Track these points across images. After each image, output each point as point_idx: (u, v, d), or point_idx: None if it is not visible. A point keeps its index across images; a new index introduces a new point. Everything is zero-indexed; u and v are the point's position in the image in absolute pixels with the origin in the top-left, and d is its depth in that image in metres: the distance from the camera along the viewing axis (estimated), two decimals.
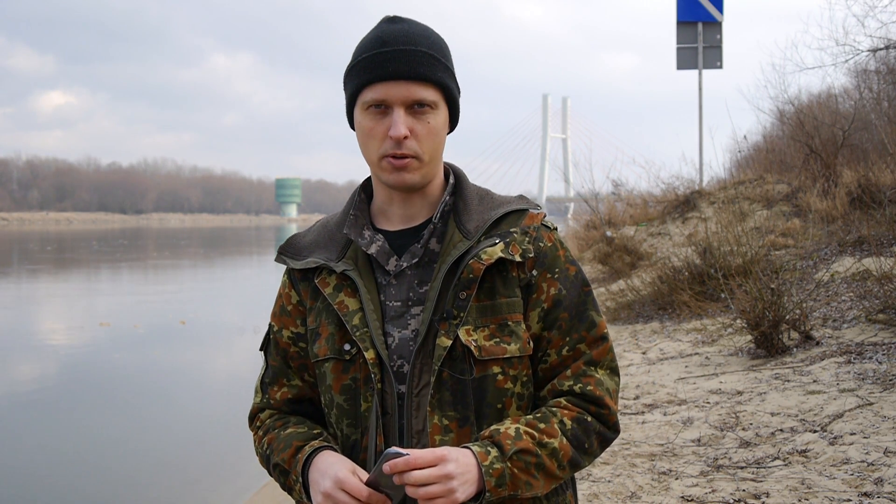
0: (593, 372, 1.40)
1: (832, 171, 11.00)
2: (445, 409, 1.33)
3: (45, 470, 6.06)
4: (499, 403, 1.35)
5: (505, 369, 1.35)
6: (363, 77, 1.36)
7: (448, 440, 1.33)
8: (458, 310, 1.34)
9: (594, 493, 3.71)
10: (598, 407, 1.38)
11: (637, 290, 9.24)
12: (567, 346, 1.40)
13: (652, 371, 6.21)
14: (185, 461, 6.46)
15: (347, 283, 1.40)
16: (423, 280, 1.39)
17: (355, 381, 1.37)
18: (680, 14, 14.60)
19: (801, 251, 8.87)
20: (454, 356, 1.33)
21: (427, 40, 1.38)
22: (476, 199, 1.45)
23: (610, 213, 15.27)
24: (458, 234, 1.39)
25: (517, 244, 1.39)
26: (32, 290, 19.77)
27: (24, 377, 9.52)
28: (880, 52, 11.73)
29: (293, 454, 1.37)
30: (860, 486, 3.36)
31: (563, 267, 1.42)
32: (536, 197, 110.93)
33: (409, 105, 1.35)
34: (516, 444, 1.29)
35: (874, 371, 4.88)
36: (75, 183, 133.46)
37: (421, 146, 1.36)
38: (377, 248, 1.41)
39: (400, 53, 1.34)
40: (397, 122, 1.33)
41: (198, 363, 10.65)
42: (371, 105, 1.36)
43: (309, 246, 1.47)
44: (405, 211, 1.44)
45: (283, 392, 1.48)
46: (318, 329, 1.42)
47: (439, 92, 1.38)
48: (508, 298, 1.37)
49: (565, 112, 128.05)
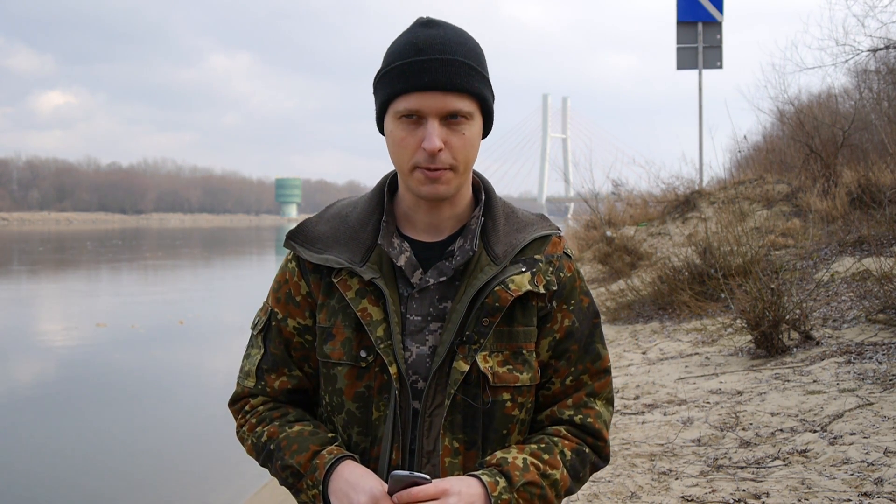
0: (593, 403, 1.42)
1: (832, 171, 11.00)
2: (456, 431, 1.34)
3: (45, 469, 6.07)
4: (504, 430, 1.36)
5: (514, 397, 1.36)
6: (397, 86, 1.29)
7: (456, 462, 1.33)
8: (479, 336, 1.33)
9: (594, 493, 3.71)
10: (595, 439, 1.41)
11: (637, 290, 9.24)
12: (571, 377, 1.42)
13: (652, 371, 6.21)
14: (186, 460, 6.45)
15: (371, 290, 1.35)
16: (444, 296, 1.37)
17: (369, 389, 1.35)
18: (680, 14, 14.61)
19: (801, 251, 8.87)
20: (469, 381, 1.33)
21: (463, 48, 1.31)
22: (503, 218, 1.42)
23: (610, 213, 15.27)
24: (485, 256, 1.37)
25: (542, 274, 1.38)
26: (22, 290, 19.74)
27: (22, 377, 9.52)
28: (880, 52, 11.73)
29: (310, 458, 1.33)
30: (860, 486, 3.36)
31: (579, 298, 1.44)
32: (536, 197, 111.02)
33: (444, 116, 1.29)
34: (524, 476, 1.30)
35: (874, 371, 4.88)
36: (75, 183, 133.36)
37: (456, 157, 1.31)
38: (405, 260, 1.37)
39: (436, 63, 1.27)
40: (432, 134, 1.28)
41: (197, 362, 10.65)
42: (404, 115, 1.30)
43: (324, 238, 1.41)
44: (431, 220, 1.40)
45: (283, 381, 1.44)
46: (331, 329, 1.38)
47: (475, 102, 1.32)
48: (525, 327, 1.37)
49: (565, 112, 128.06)
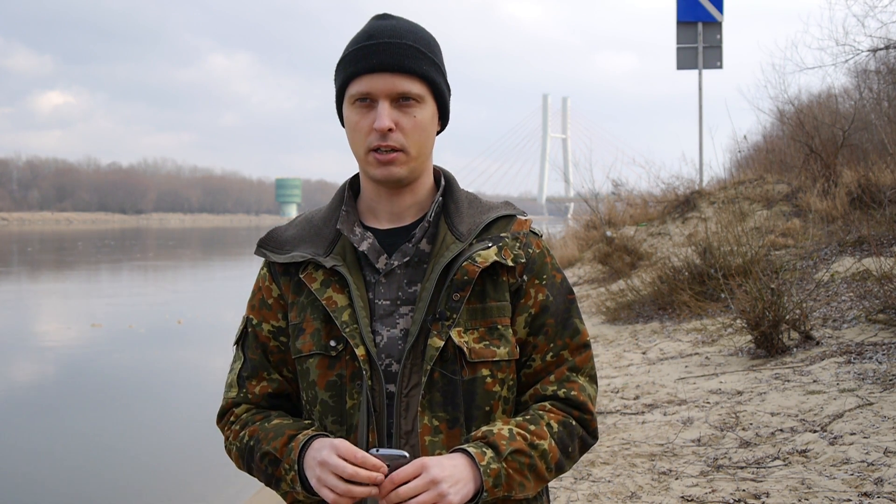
0: (576, 378, 1.42)
1: (832, 171, 11.00)
2: (436, 409, 1.33)
3: (41, 472, 6.06)
4: (487, 406, 1.36)
5: (494, 372, 1.36)
6: (349, 70, 1.36)
7: (437, 441, 1.33)
8: (451, 311, 1.34)
9: (594, 493, 3.71)
10: (581, 412, 1.41)
11: (637, 290, 9.24)
12: (551, 352, 1.42)
13: (652, 371, 6.21)
14: (184, 462, 6.45)
15: (336, 279, 1.38)
16: (413, 280, 1.38)
17: (341, 377, 1.35)
18: (680, 14, 14.60)
19: (801, 251, 8.87)
20: (446, 357, 1.33)
21: (414, 35, 1.37)
22: (466, 202, 1.45)
23: (610, 213, 15.25)
24: (450, 235, 1.39)
25: (509, 249, 1.40)
26: (10, 291, 19.74)
27: (18, 379, 9.51)
28: (880, 52, 11.72)
29: (286, 442, 1.33)
30: (860, 486, 3.36)
31: (550, 274, 1.44)
32: (536, 197, 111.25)
33: (394, 98, 1.34)
34: (511, 445, 1.29)
35: (874, 371, 4.88)
36: (75, 183, 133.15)
37: (407, 140, 1.35)
38: (368, 246, 1.40)
39: (385, 46, 1.34)
40: (382, 114, 1.32)
41: (194, 362, 10.65)
42: (357, 98, 1.35)
43: (292, 240, 1.44)
44: (393, 208, 1.43)
45: (263, 386, 1.44)
46: (301, 324, 1.40)
47: (425, 86, 1.36)
48: (498, 302, 1.38)
49: (565, 112, 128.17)
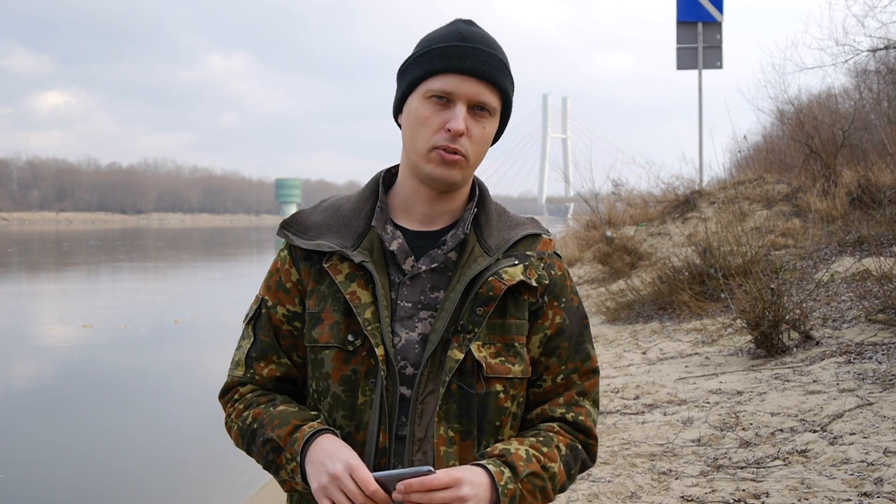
0: (583, 402, 1.44)
1: (832, 171, 11.01)
2: (451, 420, 1.34)
3: (46, 468, 6.07)
4: (497, 421, 1.37)
5: (507, 388, 1.37)
6: (436, 64, 1.34)
7: (452, 451, 1.34)
8: (473, 325, 1.35)
9: (594, 493, 3.71)
10: (586, 437, 1.43)
11: (637, 290, 9.24)
12: (562, 375, 1.43)
13: (652, 371, 6.21)
14: (186, 460, 6.46)
15: (361, 274, 1.37)
16: (436, 286, 1.39)
17: (356, 373, 1.36)
18: (680, 14, 14.61)
19: (801, 251, 8.87)
20: (464, 370, 1.34)
21: (501, 51, 1.39)
22: (496, 214, 1.46)
23: (610, 213, 15.26)
24: (478, 248, 1.40)
25: (534, 269, 1.41)
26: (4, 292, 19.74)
27: (20, 376, 9.52)
28: (880, 52, 11.73)
29: (290, 432, 1.33)
30: (860, 486, 3.36)
31: (569, 297, 1.46)
32: (536, 197, 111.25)
33: (472, 105, 1.34)
34: (528, 467, 1.31)
35: (874, 371, 4.88)
36: (75, 183, 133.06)
37: (472, 148, 1.35)
38: (398, 246, 1.40)
39: (479, 52, 1.34)
40: (458, 116, 1.32)
41: (194, 360, 10.65)
42: (435, 94, 1.34)
43: (317, 227, 1.44)
44: (428, 210, 1.42)
45: (272, 369, 1.44)
46: (319, 314, 1.39)
47: (500, 102, 1.38)
48: (518, 320, 1.39)
49: (565, 112, 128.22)
